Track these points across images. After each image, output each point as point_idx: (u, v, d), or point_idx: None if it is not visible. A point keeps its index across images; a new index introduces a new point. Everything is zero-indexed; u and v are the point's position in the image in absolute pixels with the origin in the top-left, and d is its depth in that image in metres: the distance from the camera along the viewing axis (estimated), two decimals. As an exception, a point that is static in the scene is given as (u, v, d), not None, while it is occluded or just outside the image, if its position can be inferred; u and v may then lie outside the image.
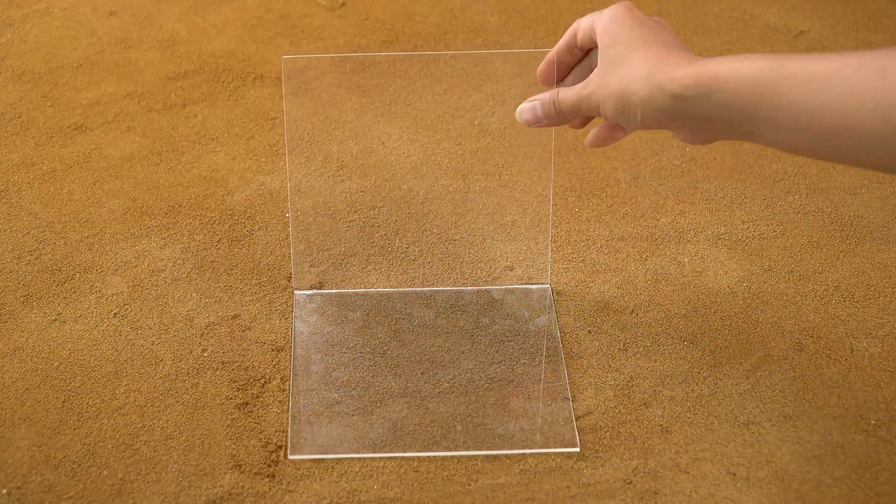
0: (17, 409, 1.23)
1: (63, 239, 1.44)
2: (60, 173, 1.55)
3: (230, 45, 1.82)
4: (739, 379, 1.25)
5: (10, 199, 1.50)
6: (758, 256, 1.40)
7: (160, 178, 1.54)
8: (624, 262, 1.40)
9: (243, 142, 1.61)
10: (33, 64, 1.77)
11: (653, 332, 1.30)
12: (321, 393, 1.24)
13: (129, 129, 1.63)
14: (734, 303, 1.34)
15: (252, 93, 1.71)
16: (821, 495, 1.13)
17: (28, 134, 1.62)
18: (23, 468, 1.17)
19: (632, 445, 1.18)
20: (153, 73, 1.75)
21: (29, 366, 1.27)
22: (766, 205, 1.48)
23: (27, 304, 1.35)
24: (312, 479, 1.16)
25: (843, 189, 1.51)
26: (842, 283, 1.36)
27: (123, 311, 1.34)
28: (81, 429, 1.21)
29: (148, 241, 1.43)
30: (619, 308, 1.33)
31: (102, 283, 1.38)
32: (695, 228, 1.44)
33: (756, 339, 1.29)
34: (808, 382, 1.24)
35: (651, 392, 1.23)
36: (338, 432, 1.20)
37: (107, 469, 1.17)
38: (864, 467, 1.16)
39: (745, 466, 1.16)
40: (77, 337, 1.31)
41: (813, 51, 1.79)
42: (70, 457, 1.18)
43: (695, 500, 1.13)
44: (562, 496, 1.14)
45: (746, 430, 1.19)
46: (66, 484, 1.16)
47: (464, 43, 1.82)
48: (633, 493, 1.14)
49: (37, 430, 1.21)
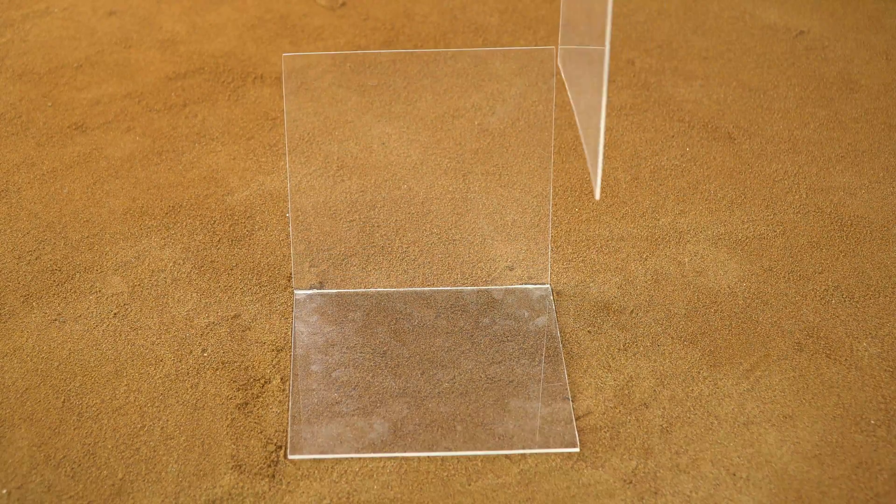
0: (17, 409, 1.23)
1: (63, 239, 1.44)
2: (60, 173, 1.55)
3: (230, 45, 1.82)
4: (739, 379, 1.25)
5: (10, 199, 1.50)
6: (758, 256, 1.40)
7: (160, 178, 1.54)
8: (624, 262, 1.40)
9: (243, 142, 1.61)
10: (33, 64, 1.77)
11: (653, 332, 1.30)
12: (321, 393, 1.24)
13: (129, 129, 1.63)
14: (734, 303, 1.34)
15: (252, 93, 1.71)
16: (821, 495, 1.13)
17: (28, 134, 1.62)
18: (23, 468, 1.17)
19: (632, 445, 1.18)
20: (153, 73, 1.75)
21: (29, 366, 1.28)
22: (766, 205, 1.48)
23: (27, 304, 1.35)
24: (312, 479, 1.16)
25: (843, 189, 1.51)
26: (842, 283, 1.37)
27: (123, 311, 1.34)
28: (81, 429, 1.21)
29: (148, 241, 1.43)
30: (619, 308, 1.33)
31: (102, 283, 1.38)
32: (695, 228, 1.45)
33: (756, 339, 1.29)
34: (807, 382, 1.25)
35: (651, 392, 1.24)
36: (338, 432, 1.20)
37: (107, 469, 1.17)
38: (863, 467, 1.16)
39: (745, 466, 1.16)
40: (77, 337, 1.31)
41: (813, 51, 1.80)
42: (70, 457, 1.18)
43: (695, 500, 1.13)
44: (562, 496, 1.14)
45: (746, 430, 1.19)
46: (66, 484, 1.16)
47: (464, 43, 1.82)
48: (633, 493, 1.14)
49: (37, 430, 1.21)
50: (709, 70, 1.75)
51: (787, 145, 1.59)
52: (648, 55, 1.79)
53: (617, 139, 1.60)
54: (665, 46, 1.81)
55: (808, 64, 1.77)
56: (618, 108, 1.67)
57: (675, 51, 1.80)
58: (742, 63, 1.77)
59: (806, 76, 1.74)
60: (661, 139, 1.60)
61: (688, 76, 1.74)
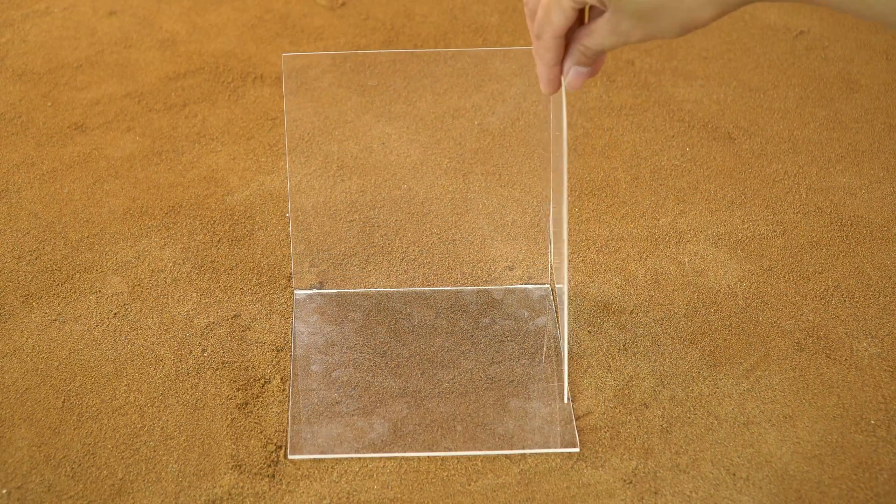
0: (17, 409, 1.23)
1: (63, 239, 1.44)
2: (60, 173, 1.55)
3: (230, 45, 1.82)
4: (739, 379, 1.25)
5: (10, 199, 1.50)
6: (758, 256, 1.40)
7: (160, 178, 1.54)
8: (624, 262, 1.40)
9: (243, 142, 1.61)
10: (33, 64, 1.77)
11: (653, 332, 1.30)
12: (321, 393, 1.24)
13: (129, 129, 1.63)
14: (734, 303, 1.34)
15: (252, 92, 1.71)
16: (821, 495, 1.13)
17: (28, 134, 1.62)
18: (23, 468, 1.17)
19: (632, 446, 1.19)
20: (153, 73, 1.75)
21: (29, 366, 1.28)
22: (766, 205, 1.48)
23: (27, 304, 1.35)
24: (312, 479, 1.16)
25: (843, 189, 1.51)
26: (842, 283, 1.37)
27: (123, 311, 1.34)
28: (81, 429, 1.21)
29: (148, 241, 1.44)
30: (619, 308, 1.34)
31: (102, 283, 1.38)
32: (695, 228, 1.45)
33: (756, 338, 1.30)
34: (807, 382, 1.25)
35: (651, 392, 1.24)
36: (338, 432, 1.20)
37: (107, 469, 1.17)
38: (863, 467, 1.16)
39: (745, 466, 1.16)
40: (77, 337, 1.31)
41: (813, 51, 1.80)
42: (70, 457, 1.18)
43: (695, 500, 1.13)
44: (562, 496, 1.14)
45: (746, 430, 1.19)
46: (66, 484, 1.16)
47: (464, 43, 1.83)
48: (632, 493, 1.14)
49: (37, 430, 1.21)
50: (709, 70, 1.75)
51: (787, 145, 1.59)
52: (648, 55, 1.79)
53: (617, 139, 1.60)
54: (665, 46, 1.81)
55: (808, 64, 1.77)
56: (618, 108, 1.67)
57: (675, 51, 1.80)
58: (742, 63, 1.77)
59: (806, 76, 1.74)
60: (662, 139, 1.60)
61: (688, 76, 1.74)
